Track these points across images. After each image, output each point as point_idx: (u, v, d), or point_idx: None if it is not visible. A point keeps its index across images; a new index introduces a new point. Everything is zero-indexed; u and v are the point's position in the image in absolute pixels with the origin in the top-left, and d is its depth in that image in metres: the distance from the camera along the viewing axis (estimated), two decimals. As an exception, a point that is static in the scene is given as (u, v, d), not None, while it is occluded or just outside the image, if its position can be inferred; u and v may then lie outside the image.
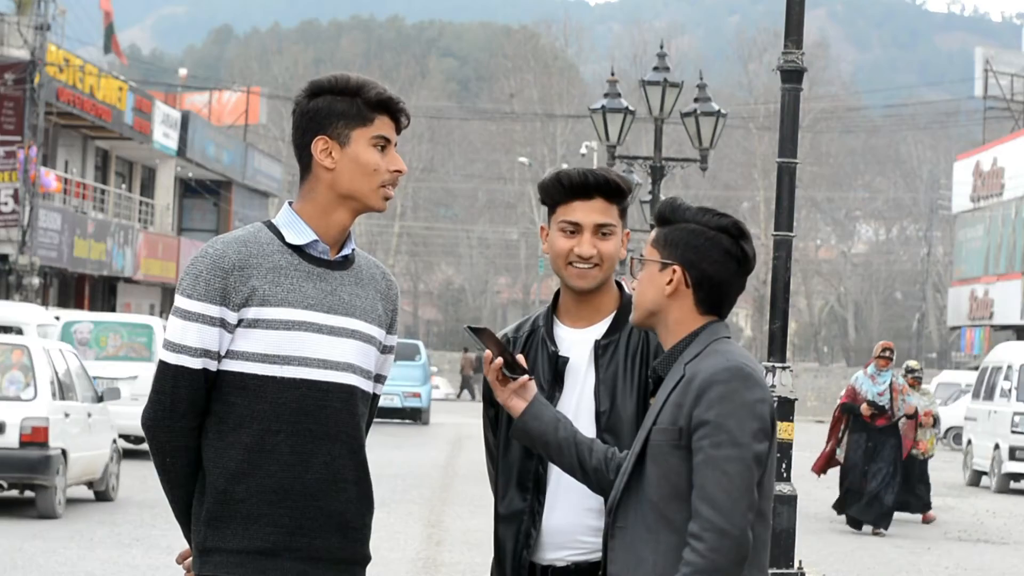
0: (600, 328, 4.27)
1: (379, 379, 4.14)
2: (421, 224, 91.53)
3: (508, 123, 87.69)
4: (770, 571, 11.11)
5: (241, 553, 3.87)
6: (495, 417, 4.34)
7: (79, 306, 42.87)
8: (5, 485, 16.16)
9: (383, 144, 3.98)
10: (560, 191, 4.24)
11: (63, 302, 42.64)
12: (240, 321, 3.89)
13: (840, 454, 18.71)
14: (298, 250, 3.96)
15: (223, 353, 3.90)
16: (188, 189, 55.27)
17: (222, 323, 3.88)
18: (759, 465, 3.66)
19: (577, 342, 4.24)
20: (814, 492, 22.95)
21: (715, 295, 3.83)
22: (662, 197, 23.39)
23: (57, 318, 26.96)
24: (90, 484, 17.89)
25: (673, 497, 3.69)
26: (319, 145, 3.96)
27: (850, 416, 18.53)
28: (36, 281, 38.49)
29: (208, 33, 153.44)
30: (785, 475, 11.25)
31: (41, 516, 16.01)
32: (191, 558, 4.03)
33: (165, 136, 47.93)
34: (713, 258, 3.80)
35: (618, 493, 3.81)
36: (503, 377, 4.00)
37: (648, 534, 3.72)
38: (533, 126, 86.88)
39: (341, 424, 3.94)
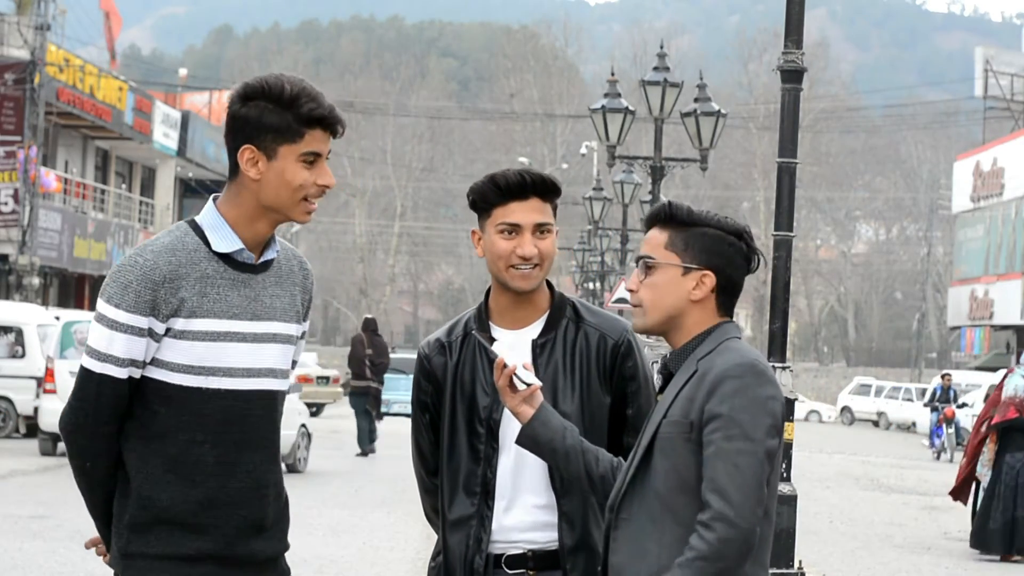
0: (535, 328, 4.26)
1: (292, 365, 4.12)
2: (421, 224, 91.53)
3: (508, 123, 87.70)
4: (770, 571, 11.11)
5: (164, 559, 3.88)
6: (430, 422, 4.33)
7: (79, 306, 42.86)
8: None
9: (312, 159, 3.90)
10: (496, 193, 4.20)
11: (63, 302, 42.65)
12: (167, 331, 3.86)
13: (986, 477, 15.89)
14: (224, 257, 3.92)
15: (148, 360, 3.88)
16: (188, 189, 55.29)
17: (150, 333, 3.85)
18: (769, 461, 3.67)
19: (515, 343, 4.21)
20: (814, 492, 22.96)
21: (733, 298, 3.87)
22: (662, 197, 23.43)
23: (57, 318, 26.95)
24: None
25: (680, 490, 3.69)
26: (245, 154, 3.87)
27: (999, 434, 15.75)
28: (36, 281, 38.50)
29: (208, 33, 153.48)
30: (785, 475, 11.26)
31: None
32: (101, 545, 4.04)
33: (165, 136, 47.94)
34: (736, 263, 3.83)
35: (623, 486, 3.81)
36: (512, 384, 3.98)
37: (652, 526, 3.72)
38: (533, 126, 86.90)
39: (263, 431, 3.95)
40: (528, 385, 3.95)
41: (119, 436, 3.90)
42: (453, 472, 4.25)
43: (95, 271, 43.46)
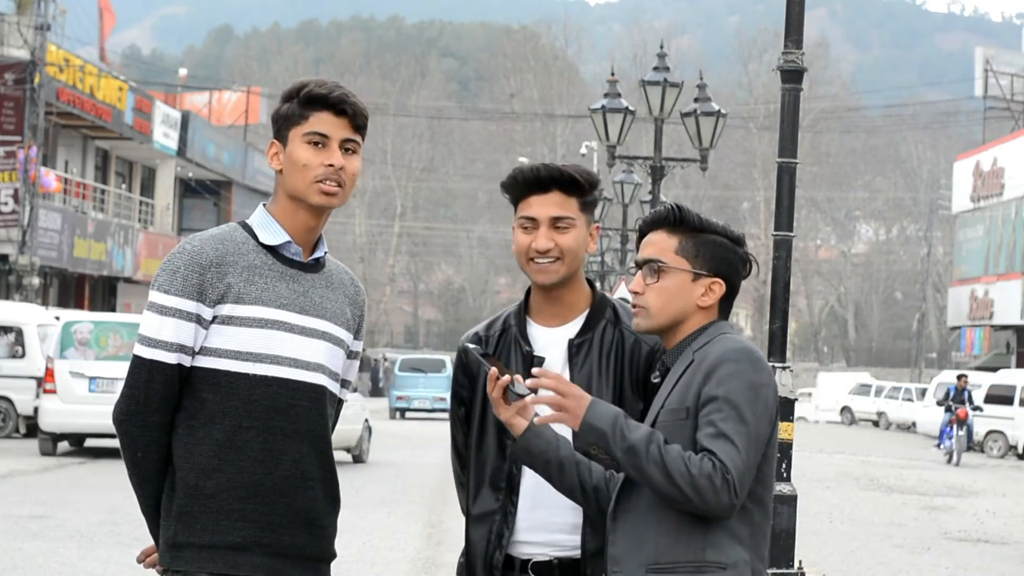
0: (573, 327, 4.23)
1: (344, 384, 4.17)
2: (421, 224, 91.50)
3: (508, 123, 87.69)
4: (770, 571, 11.11)
5: (211, 548, 3.91)
6: (465, 416, 4.31)
7: (79, 306, 42.87)
8: None
9: (318, 140, 3.98)
10: (517, 187, 4.21)
11: (63, 302, 42.65)
12: (215, 317, 3.92)
13: None
14: (272, 251, 4.00)
15: (197, 349, 3.92)
16: (188, 189, 55.28)
17: (198, 319, 3.91)
18: (761, 447, 3.69)
19: (551, 341, 4.21)
20: (814, 492, 22.96)
21: (732, 303, 3.92)
22: (662, 197, 23.45)
23: (57, 318, 26.96)
24: (348, 450, 24.45)
25: None
26: (271, 150, 4.04)
27: None
28: (36, 281, 38.50)
29: (208, 33, 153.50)
30: (785, 475, 11.25)
31: None
32: (154, 555, 4.05)
33: (165, 136, 47.94)
34: (739, 271, 3.89)
35: (622, 479, 3.82)
36: (505, 395, 3.95)
37: (650, 513, 3.73)
38: (533, 126, 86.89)
39: (310, 423, 3.98)
40: (522, 397, 3.92)
41: (170, 428, 3.95)
42: (480, 466, 4.23)
43: (95, 271, 43.45)
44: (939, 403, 39.06)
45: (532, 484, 4.16)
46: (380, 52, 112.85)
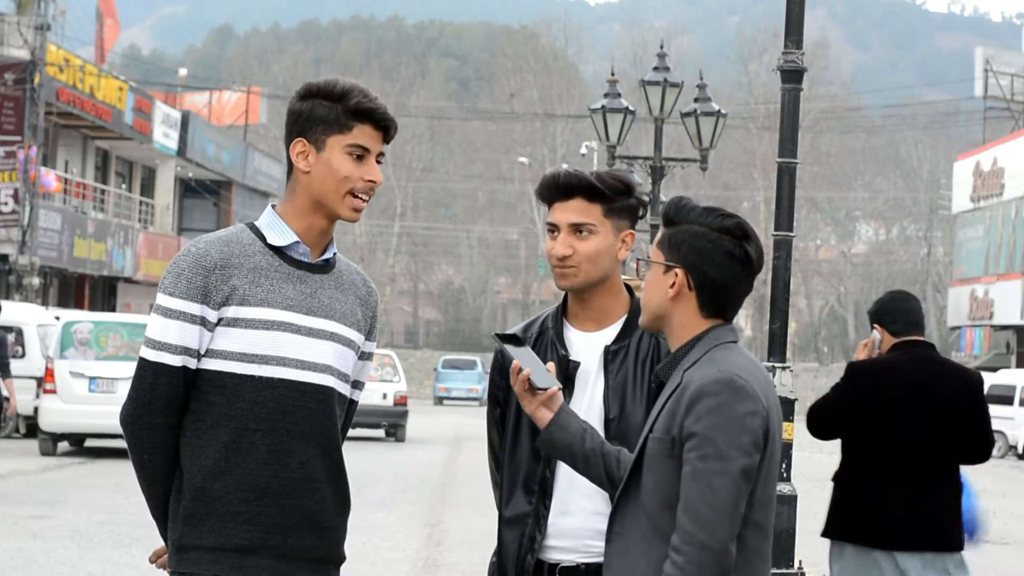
0: (610, 333, 4.23)
1: (357, 385, 4.15)
2: (421, 224, 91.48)
3: (508, 123, 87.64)
4: (770, 571, 11.09)
5: (218, 550, 3.90)
6: (501, 417, 4.31)
7: (79, 306, 42.87)
8: (385, 423, 30.19)
9: (360, 153, 3.96)
10: (546, 193, 4.26)
11: (63, 302, 42.65)
12: (220, 320, 3.91)
13: None
14: (279, 252, 3.98)
15: (203, 352, 3.92)
16: (188, 189, 55.28)
17: (203, 321, 3.90)
18: (747, 479, 3.61)
19: (587, 346, 4.20)
20: (814, 492, 22.95)
21: (719, 298, 3.75)
22: (662, 197, 23.45)
23: (57, 318, 26.96)
24: None
25: (665, 506, 3.65)
26: (296, 148, 3.99)
27: None
28: (36, 281, 38.50)
29: (208, 33, 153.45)
30: (785, 475, 11.24)
31: (397, 441, 30.27)
32: (165, 556, 4.06)
33: (165, 136, 47.93)
34: (716, 261, 3.71)
35: (616, 499, 3.78)
36: (530, 387, 3.94)
37: (642, 542, 3.69)
38: (533, 126, 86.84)
39: (317, 425, 3.96)
40: (544, 389, 3.91)
41: (177, 431, 3.94)
42: (514, 469, 4.23)
43: (95, 271, 43.45)
44: None
45: (564, 488, 4.16)
46: (380, 52, 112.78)
